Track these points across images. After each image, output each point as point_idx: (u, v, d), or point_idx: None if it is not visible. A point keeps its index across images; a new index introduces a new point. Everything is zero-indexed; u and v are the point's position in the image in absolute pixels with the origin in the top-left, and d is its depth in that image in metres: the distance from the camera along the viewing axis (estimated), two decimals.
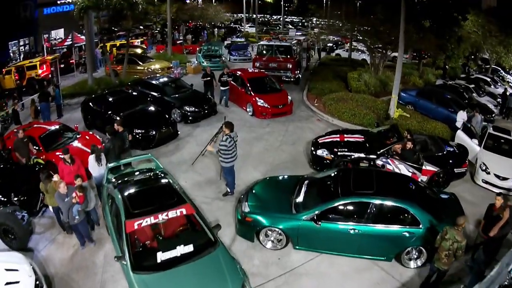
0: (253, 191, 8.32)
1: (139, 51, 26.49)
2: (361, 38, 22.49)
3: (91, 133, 12.28)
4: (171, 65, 23.75)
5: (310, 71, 23.72)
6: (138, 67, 22.94)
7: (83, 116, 14.40)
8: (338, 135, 11.05)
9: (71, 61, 25.13)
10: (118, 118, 11.51)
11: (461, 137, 12.39)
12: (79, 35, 28.95)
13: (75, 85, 21.00)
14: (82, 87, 20.47)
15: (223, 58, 25.80)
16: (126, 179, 8.04)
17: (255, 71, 17.93)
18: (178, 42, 33.32)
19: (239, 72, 16.28)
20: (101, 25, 23.18)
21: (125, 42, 31.82)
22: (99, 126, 13.51)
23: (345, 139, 10.80)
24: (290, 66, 19.36)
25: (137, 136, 12.08)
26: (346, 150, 10.32)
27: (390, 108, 14.83)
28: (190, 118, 14.23)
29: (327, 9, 44.96)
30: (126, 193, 7.28)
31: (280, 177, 9.04)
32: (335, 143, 10.70)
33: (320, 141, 10.95)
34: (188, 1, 54.12)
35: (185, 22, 52.46)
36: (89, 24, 20.63)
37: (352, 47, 32.60)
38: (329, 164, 10.30)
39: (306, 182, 8.15)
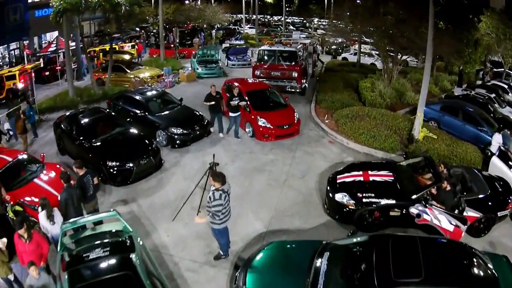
0: (253, 267, 6.04)
1: (127, 57, 24.17)
2: (372, 41, 20.25)
3: (58, 166, 9.98)
4: (162, 73, 21.51)
5: (317, 78, 21.41)
6: (125, 76, 20.68)
7: (56, 139, 12.23)
8: (361, 172, 8.75)
9: (57, 68, 22.89)
10: (89, 146, 9.27)
11: (498, 165, 10.14)
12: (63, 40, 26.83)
13: (56, 97, 18.77)
14: (63, 99, 18.26)
15: (220, 64, 23.50)
16: (80, 253, 5.82)
17: (255, 81, 15.63)
18: (172, 45, 30.98)
19: (236, 84, 14.01)
20: (97, 28, 20.99)
21: (115, 46, 29.93)
22: (71, 153, 11.36)
23: (370, 178, 8.52)
24: (296, 75, 16.96)
25: (112, 170, 9.84)
26: (372, 195, 8.04)
27: (414, 127, 12.54)
28: (177, 142, 11.95)
29: (332, 9, 42.31)
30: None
31: (290, 245, 6.72)
32: (358, 184, 8.43)
33: (338, 180, 8.68)
34: (187, 2, 52.00)
35: (179, 24, 50.29)
36: (69, 29, 18.29)
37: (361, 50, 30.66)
38: (351, 213, 8.05)
39: (326, 255, 5.88)
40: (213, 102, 12.60)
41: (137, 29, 51.85)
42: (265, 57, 17.73)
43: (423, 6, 17.32)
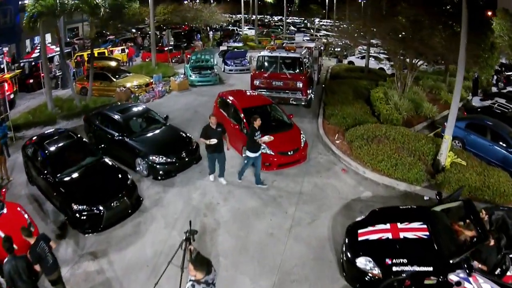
0: None
1: (113, 63, 22.19)
2: (383, 45, 18.34)
3: (18, 209, 8.08)
4: (151, 80, 19.62)
5: (323, 86, 19.48)
6: (111, 85, 18.79)
7: (24, 166, 10.47)
8: (388, 226, 6.84)
9: (42, 75, 21.06)
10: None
11: None
12: (49, 44, 24.92)
13: (35, 110, 16.89)
14: (42, 112, 16.39)
15: (215, 70, 21.49)
16: None
17: (253, 94, 13.61)
18: (165, 48, 29.08)
19: (230, 98, 12.09)
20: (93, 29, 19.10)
21: (104, 49, 28.04)
22: (38, 186, 9.61)
23: (401, 235, 6.62)
24: (301, 85, 14.85)
25: (78, 215, 7.97)
26: (404, 261, 6.15)
27: (441, 152, 10.64)
28: (160, 173, 10.03)
29: (336, 9, 40.44)
30: None
31: None
32: (385, 244, 6.54)
33: (360, 237, 6.78)
34: (186, 2, 49.99)
35: (176, 25, 48.27)
36: (44, 34, 16.35)
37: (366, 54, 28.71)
38: (375, 283, 6.17)
39: None
40: (214, 141, 9.24)
41: (133, 30, 49.98)
42: (265, 65, 15.57)
43: (444, 8, 15.62)
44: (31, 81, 21.85)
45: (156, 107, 16.16)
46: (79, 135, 10.22)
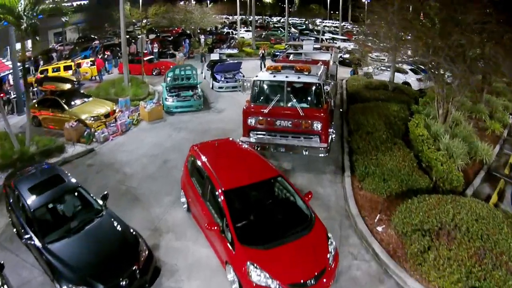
0: None
1: (67, 86, 17.39)
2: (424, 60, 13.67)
3: None
4: (117, 107, 15.00)
5: (340, 110, 14.80)
6: (63, 115, 14.19)
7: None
8: None
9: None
10: None
11: None
12: (2, 59, 20.35)
13: None
14: None
15: (199, 90, 16.61)
16: None
17: (246, 152, 8.24)
18: (146, 58, 24.44)
19: (206, 162, 7.39)
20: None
21: (70, 63, 23.31)
22: None
23: None
24: (320, 127, 9.67)
25: None
26: None
27: None
28: None
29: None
30: None
31: None
32: None
33: None
34: (182, 3, 45.29)
35: (166, 29, 43.58)
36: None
37: (377, 63, 23.86)
38: None
39: None
40: None
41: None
42: (266, 94, 10.46)
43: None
44: None
45: (111, 153, 11.74)
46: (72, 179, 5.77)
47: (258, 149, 9.69)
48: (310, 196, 6.94)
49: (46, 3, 11.67)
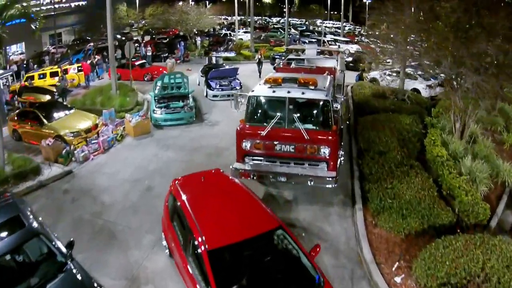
0: None
1: (46, 97, 15.93)
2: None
3: None
4: (100, 120, 13.65)
5: (347, 123, 13.42)
6: (42, 129, 12.88)
7: None
8: None
9: None
10: None
11: None
12: None
13: None
14: None
15: (191, 101, 15.08)
16: None
17: (237, 184, 6.88)
18: (137, 63, 23.10)
19: (185, 200, 6.19)
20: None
21: (57, 69, 21.92)
22: None
23: None
24: (327, 152, 8.20)
25: None
26: None
27: None
28: None
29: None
30: None
31: None
32: None
33: None
34: (180, 3, 43.97)
35: (163, 30, 42.16)
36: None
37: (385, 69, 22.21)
38: None
39: None
40: None
41: (118, 36, 43.81)
42: (263, 112, 8.98)
43: None
44: None
45: (91, 176, 10.53)
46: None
47: (254, 178, 8.31)
48: (318, 250, 5.58)
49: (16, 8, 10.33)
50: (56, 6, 41.55)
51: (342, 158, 9.15)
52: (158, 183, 9.76)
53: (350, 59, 27.08)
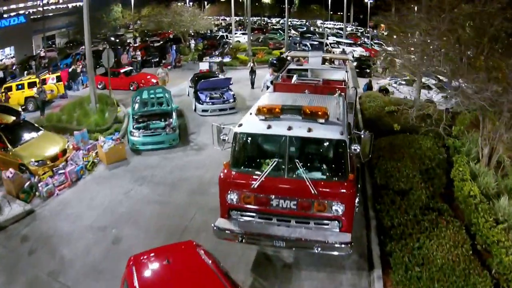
0: None
1: (11, 118, 13.83)
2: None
3: None
4: (68, 144, 11.78)
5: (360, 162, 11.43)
6: (5, 156, 11.15)
7: None
8: None
9: None
10: None
11: None
12: None
13: None
14: None
15: (174, 119, 12.93)
16: None
17: (214, 268, 5.00)
18: (123, 70, 21.22)
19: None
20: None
21: (35, 79, 20.01)
22: None
23: None
24: (341, 210, 6.14)
25: None
26: None
27: None
28: None
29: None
30: None
31: None
32: None
33: None
34: (179, 4, 42.09)
35: (156, 33, 40.27)
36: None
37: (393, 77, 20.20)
38: None
39: None
40: None
41: (112, 38, 41.92)
42: (255, 155, 6.88)
43: None
44: None
45: (52, 218, 9.22)
46: None
47: (243, 241, 6.37)
48: None
49: None
50: (53, 7, 39.86)
51: (357, 206, 7.13)
52: (127, 234, 7.94)
53: (355, 64, 25.15)
